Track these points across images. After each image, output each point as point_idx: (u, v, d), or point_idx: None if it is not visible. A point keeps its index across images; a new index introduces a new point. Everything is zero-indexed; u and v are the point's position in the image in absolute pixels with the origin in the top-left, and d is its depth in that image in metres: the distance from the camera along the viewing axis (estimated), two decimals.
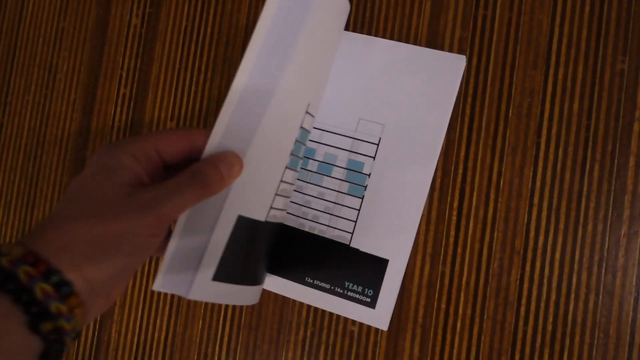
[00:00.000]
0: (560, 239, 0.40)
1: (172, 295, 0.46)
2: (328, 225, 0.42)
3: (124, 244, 0.28)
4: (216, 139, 0.33)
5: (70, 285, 0.26)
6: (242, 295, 0.38)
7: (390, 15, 0.44)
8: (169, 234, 0.33)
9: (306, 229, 0.42)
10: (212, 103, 0.45)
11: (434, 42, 0.43)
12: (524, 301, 0.40)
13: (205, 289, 0.34)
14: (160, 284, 0.33)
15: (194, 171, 0.31)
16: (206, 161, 0.32)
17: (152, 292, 0.47)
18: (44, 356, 0.26)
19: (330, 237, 0.42)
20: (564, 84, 0.41)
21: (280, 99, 0.34)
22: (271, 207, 0.37)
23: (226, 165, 0.32)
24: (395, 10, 0.44)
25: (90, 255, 0.28)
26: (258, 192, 0.36)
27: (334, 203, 0.42)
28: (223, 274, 0.35)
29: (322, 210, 0.42)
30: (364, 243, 0.41)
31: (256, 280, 0.39)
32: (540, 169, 0.41)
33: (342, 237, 0.41)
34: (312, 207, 0.42)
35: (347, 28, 0.44)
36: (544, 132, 0.41)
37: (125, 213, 0.28)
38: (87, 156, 0.50)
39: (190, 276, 0.33)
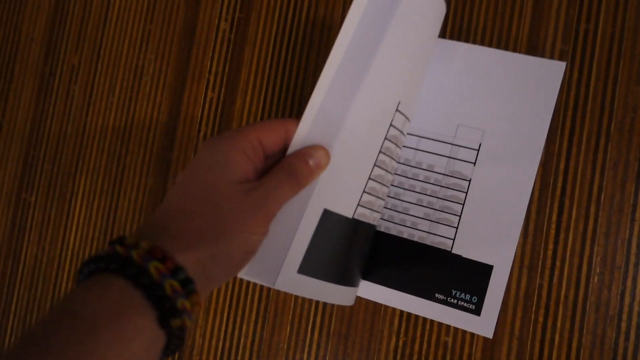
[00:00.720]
0: None
1: (259, 300, 0.46)
2: (428, 232, 0.42)
3: (242, 241, 0.30)
4: (304, 131, 0.34)
5: (193, 283, 0.27)
6: (331, 293, 0.38)
7: (489, 24, 0.44)
8: None
9: (405, 236, 0.42)
10: (303, 110, 0.46)
11: (533, 53, 0.43)
12: (624, 317, 0.40)
13: (291, 280, 0.34)
14: (246, 271, 0.33)
15: (287, 167, 0.32)
16: (296, 155, 0.33)
17: (239, 297, 0.47)
18: (165, 350, 0.27)
19: (430, 244, 0.42)
20: None
21: (367, 93, 0.35)
22: (359, 204, 0.37)
23: (315, 159, 0.33)
24: (494, 19, 0.44)
25: (213, 254, 0.28)
26: (345, 187, 0.36)
27: (434, 209, 0.42)
28: (309, 268, 0.35)
29: (421, 217, 0.42)
30: (466, 249, 0.41)
31: (347, 281, 0.39)
32: None
33: (444, 244, 0.41)
34: (411, 214, 0.42)
35: (444, 35, 0.44)
36: None
37: (242, 212, 0.30)
38: (172, 159, 0.50)
39: (277, 266, 0.34)
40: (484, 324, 0.41)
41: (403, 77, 0.38)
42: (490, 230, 0.41)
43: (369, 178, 0.37)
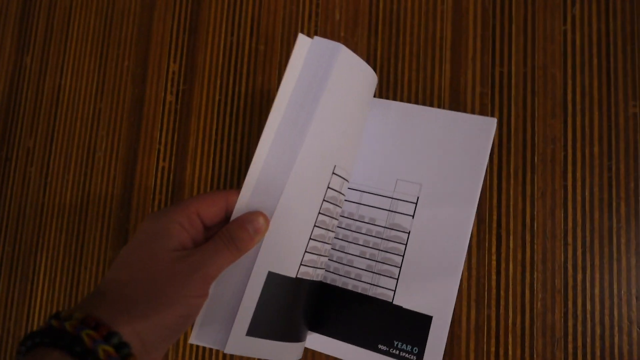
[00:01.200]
0: (597, 275, 0.42)
1: (224, 356, 0.47)
2: (371, 284, 0.43)
3: (177, 305, 0.31)
4: (245, 199, 0.36)
5: (129, 347, 0.28)
6: (281, 351, 0.39)
7: (413, 78, 0.47)
8: None
9: (349, 288, 0.44)
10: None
11: (456, 99, 0.46)
12: (570, 338, 0.42)
13: (241, 343, 0.36)
14: (196, 337, 0.35)
15: (226, 233, 0.34)
16: (236, 222, 0.35)
17: (204, 353, 0.48)
18: None
19: (373, 295, 0.43)
20: (582, 130, 0.44)
21: (305, 159, 0.37)
22: (301, 264, 0.39)
23: (254, 224, 0.35)
24: (417, 74, 0.48)
25: (147, 317, 0.30)
26: (287, 249, 0.38)
27: (376, 261, 0.44)
28: (257, 329, 0.36)
29: (364, 269, 0.44)
30: (407, 300, 0.42)
31: (295, 337, 0.40)
32: (570, 210, 0.43)
33: (385, 295, 0.43)
34: (354, 265, 0.44)
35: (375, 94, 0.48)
36: (569, 175, 0.44)
37: (176, 277, 0.31)
38: (129, 229, 0.51)
39: (225, 330, 0.35)
40: None
41: (338, 141, 0.40)
42: (429, 281, 0.42)
43: (310, 238, 0.39)
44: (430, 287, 0.42)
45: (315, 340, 0.44)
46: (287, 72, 0.37)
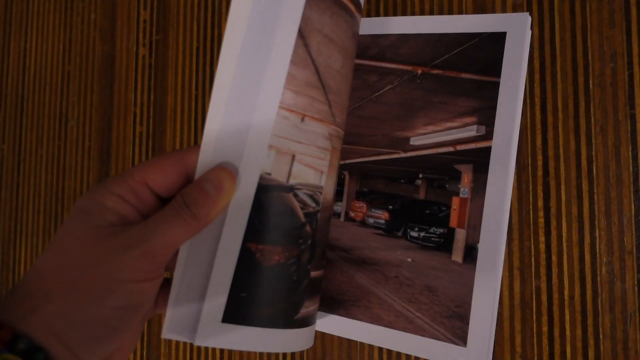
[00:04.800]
0: None
1: (213, 350, 0.40)
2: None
3: (109, 294, 0.24)
4: (207, 157, 0.28)
5: (43, 352, 0.22)
6: (277, 340, 0.31)
7: None
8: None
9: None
10: None
11: (481, 11, 0.36)
12: None
13: (217, 332, 0.29)
14: (167, 331, 0.28)
15: (179, 198, 0.26)
16: (192, 184, 0.27)
17: (191, 347, 0.41)
18: None
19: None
20: None
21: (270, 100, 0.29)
22: None
23: (213, 182, 0.27)
24: None
25: (67, 313, 0.23)
26: None
27: None
28: (238, 314, 0.29)
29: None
30: None
31: (298, 321, 0.32)
32: None
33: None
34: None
35: (386, 12, 0.38)
36: (637, 101, 0.33)
37: (105, 257, 0.24)
38: None
39: (194, 318, 0.28)
40: (472, 356, 0.33)
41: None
42: None
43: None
44: None
45: (332, 323, 0.35)
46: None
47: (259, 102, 0.29)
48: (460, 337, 0.33)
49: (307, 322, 0.33)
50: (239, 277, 0.29)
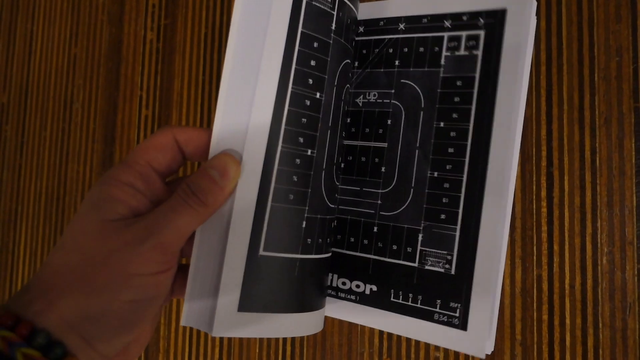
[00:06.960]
0: None
1: (221, 337, 0.40)
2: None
3: (123, 288, 0.24)
4: (217, 139, 0.28)
5: (62, 345, 0.22)
6: (289, 325, 0.31)
7: None
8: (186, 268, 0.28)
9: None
10: None
11: None
12: None
13: (233, 322, 0.28)
14: (185, 319, 0.28)
15: (184, 186, 0.26)
16: (197, 172, 0.27)
17: (198, 334, 0.41)
18: None
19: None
20: None
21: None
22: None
23: (218, 168, 0.27)
24: None
25: (84, 307, 0.23)
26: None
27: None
28: (253, 302, 0.29)
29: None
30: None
31: (306, 306, 0.32)
32: None
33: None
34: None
35: None
36: None
37: (117, 252, 0.24)
38: None
39: (210, 309, 0.28)
40: (472, 340, 0.33)
41: None
42: None
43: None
44: None
45: (333, 307, 0.35)
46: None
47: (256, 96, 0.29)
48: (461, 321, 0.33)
49: (318, 304, 0.33)
50: (251, 265, 0.29)
